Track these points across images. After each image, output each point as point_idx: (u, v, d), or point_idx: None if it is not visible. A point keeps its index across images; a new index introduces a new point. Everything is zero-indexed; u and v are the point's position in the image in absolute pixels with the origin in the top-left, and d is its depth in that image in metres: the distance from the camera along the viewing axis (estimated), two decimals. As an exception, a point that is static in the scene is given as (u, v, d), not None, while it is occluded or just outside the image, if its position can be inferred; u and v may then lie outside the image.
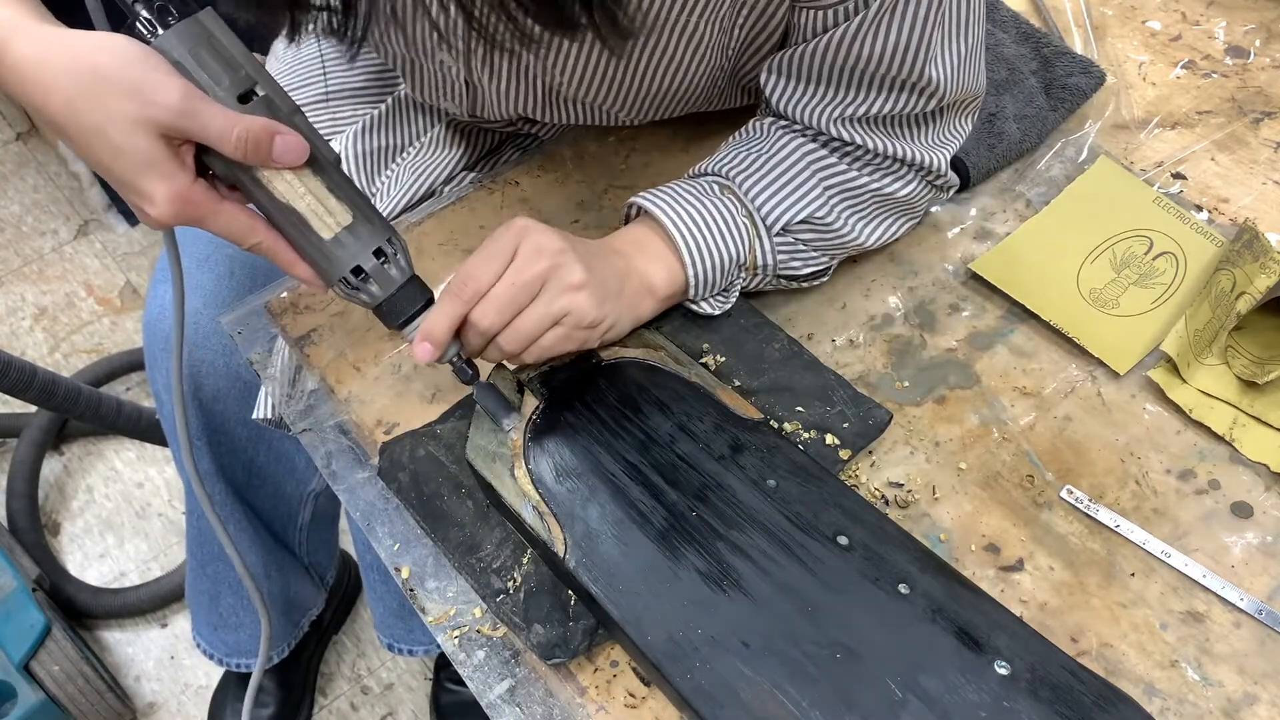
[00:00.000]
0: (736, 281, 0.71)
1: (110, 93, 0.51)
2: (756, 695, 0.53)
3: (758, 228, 0.69)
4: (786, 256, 0.71)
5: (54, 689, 1.18)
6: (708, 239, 0.67)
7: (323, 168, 0.57)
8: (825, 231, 0.71)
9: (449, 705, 1.28)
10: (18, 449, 1.48)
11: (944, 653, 0.54)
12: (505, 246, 0.61)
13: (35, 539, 1.41)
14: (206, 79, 0.54)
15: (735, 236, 0.68)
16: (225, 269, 0.88)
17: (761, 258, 0.70)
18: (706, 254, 0.67)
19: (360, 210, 0.58)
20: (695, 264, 0.67)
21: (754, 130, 0.73)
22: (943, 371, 0.72)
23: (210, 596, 1.13)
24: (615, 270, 0.66)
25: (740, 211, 0.69)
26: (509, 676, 0.59)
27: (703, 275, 0.68)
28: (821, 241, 0.71)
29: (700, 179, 0.71)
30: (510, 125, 0.88)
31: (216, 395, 0.92)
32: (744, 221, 0.69)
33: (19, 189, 1.89)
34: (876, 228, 0.73)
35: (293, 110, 0.57)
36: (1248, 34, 0.96)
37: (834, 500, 0.60)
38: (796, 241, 0.71)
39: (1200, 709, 0.57)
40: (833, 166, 0.70)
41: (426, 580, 0.63)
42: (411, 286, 0.61)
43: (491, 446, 0.63)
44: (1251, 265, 0.75)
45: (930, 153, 0.71)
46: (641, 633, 0.55)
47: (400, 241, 0.60)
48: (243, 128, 0.53)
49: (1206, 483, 0.66)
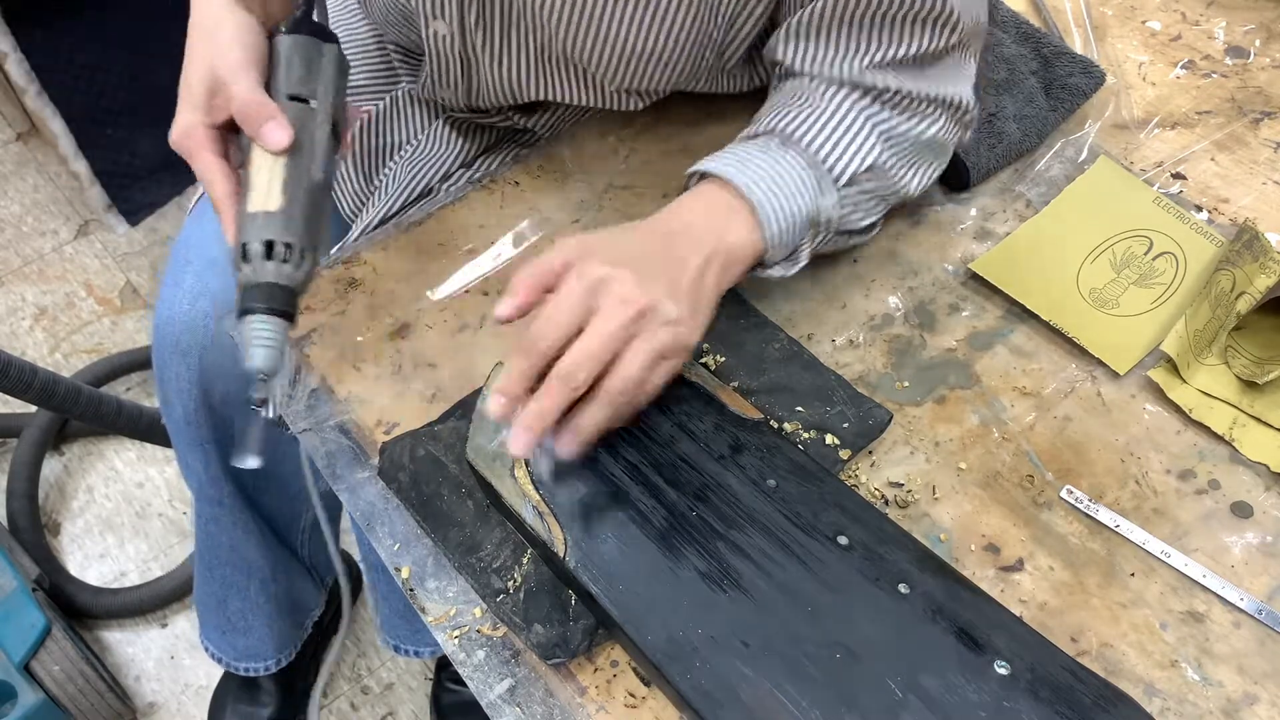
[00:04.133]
0: (804, 243, 0.69)
1: (213, 37, 0.63)
2: (756, 695, 0.53)
3: (821, 182, 0.67)
4: (850, 209, 0.70)
5: (54, 689, 1.18)
6: (781, 196, 0.65)
7: (298, 167, 0.60)
8: (885, 179, 0.70)
9: (449, 705, 1.28)
10: (18, 449, 1.48)
11: (944, 653, 0.54)
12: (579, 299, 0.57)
13: (35, 539, 1.41)
14: (280, 75, 0.63)
15: (805, 191, 0.66)
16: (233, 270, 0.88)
17: (827, 211, 0.68)
18: (783, 211, 0.65)
19: (290, 211, 0.59)
20: (773, 222, 0.65)
21: (796, 89, 0.71)
22: (943, 371, 0.72)
23: (219, 600, 1.13)
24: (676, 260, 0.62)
25: (807, 165, 0.67)
26: (509, 676, 0.59)
27: (779, 234, 0.65)
28: (880, 190, 0.71)
29: (758, 138, 0.69)
30: (505, 118, 0.87)
31: (226, 399, 0.92)
32: (811, 175, 0.67)
33: (19, 189, 1.89)
34: (919, 174, 0.73)
35: (327, 130, 0.62)
36: (1248, 34, 0.96)
37: (834, 500, 0.60)
38: (860, 193, 0.70)
39: (1200, 709, 0.57)
40: (879, 114, 0.70)
41: (426, 580, 0.63)
42: (276, 290, 0.59)
43: (491, 446, 0.63)
44: (1251, 265, 0.75)
45: (956, 88, 0.72)
46: (641, 633, 0.55)
47: (299, 255, 0.59)
48: (252, 101, 0.60)
49: (1206, 483, 0.66)
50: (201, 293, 0.88)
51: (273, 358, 0.58)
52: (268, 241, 0.59)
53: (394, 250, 0.79)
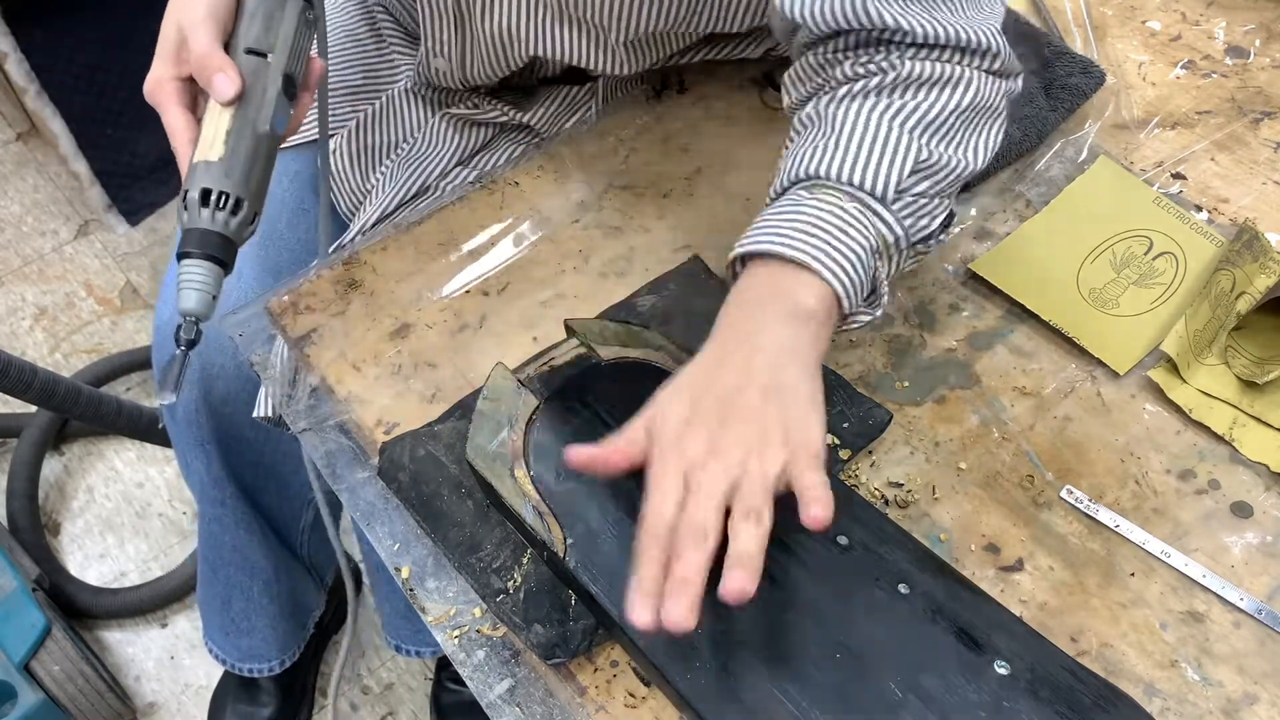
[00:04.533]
0: (880, 275, 0.62)
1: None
2: (756, 695, 0.53)
3: (870, 206, 0.61)
4: (912, 219, 0.63)
5: (54, 689, 1.17)
6: (829, 240, 0.59)
7: (244, 119, 0.62)
8: (936, 172, 0.63)
9: (450, 705, 1.28)
10: (18, 449, 1.48)
11: (944, 653, 0.54)
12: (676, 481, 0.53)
13: (35, 539, 1.41)
14: (241, 28, 0.64)
15: (855, 225, 0.60)
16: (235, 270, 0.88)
17: (890, 233, 0.61)
18: (840, 256, 0.59)
19: (231, 162, 0.61)
20: (836, 273, 0.58)
21: (805, 123, 0.66)
22: (943, 371, 0.72)
23: (222, 601, 1.13)
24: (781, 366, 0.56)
25: (845, 199, 0.61)
26: (509, 676, 0.59)
27: (848, 281, 0.59)
28: (937, 185, 0.63)
29: (784, 197, 0.63)
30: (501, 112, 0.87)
31: (226, 399, 0.92)
32: (853, 208, 0.60)
33: (19, 189, 1.89)
34: (975, 145, 0.66)
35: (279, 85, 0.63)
36: (1248, 34, 0.96)
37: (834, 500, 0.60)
38: (915, 199, 0.63)
39: (1200, 709, 0.57)
40: (903, 108, 0.63)
41: (426, 580, 0.63)
42: (211, 237, 0.60)
43: (491, 446, 0.63)
44: (1251, 265, 0.75)
45: (977, 29, 0.64)
46: (641, 633, 0.55)
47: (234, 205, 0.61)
48: (203, 54, 0.61)
49: (1206, 483, 0.66)
50: None
51: (203, 301, 0.60)
52: (205, 190, 0.60)
53: (394, 250, 0.79)
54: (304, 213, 0.93)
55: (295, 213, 0.92)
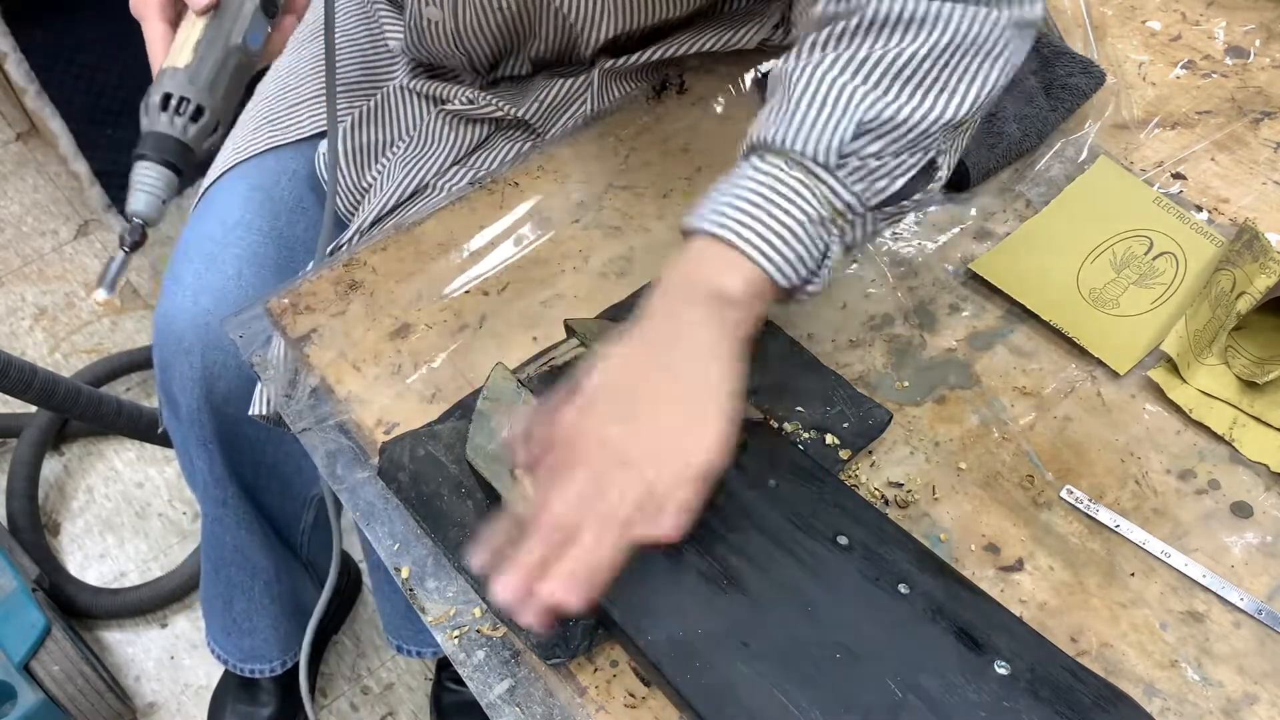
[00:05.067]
0: (833, 242, 0.59)
1: None
2: (756, 695, 0.53)
3: (815, 173, 0.57)
4: (865, 183, 0.58)
5: (54, 689, 1.17)
6: (764, 219, 0.57)
7: (217, 29, 0.62)
8: (890, 130, 0.58)
9: (450, 705, 1.28)
10: (18, 449, 1.48)
11: (944, 653, 0.54)
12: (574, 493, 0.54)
13: (35, 539, 1.41)
14: None
15: (795, 196, 0.57)
16: (234, 269, 0.89)
17: (839, 200, 0.58)
18: (772, 234, 0.57)
19: (197, 70, 0.61)
20: (765, 252, 0.56)
21: (773, 84, 0.62)
22: (943, 371, 0.72)
23: (224, 601, 1.13)
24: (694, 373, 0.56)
25: (790, 167, 0.58)
26: (509, 676, 0.59)
27: (779, 259, 0.57)
28: (894, 143, 0.58)
29: (739, 165, 0.61)
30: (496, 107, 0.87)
31: (228, 397, 0.92)
32: (796, 177, 0.57)
33: (19, 189, 1.89)
34: (956, 90, 0.59)
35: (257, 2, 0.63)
36: (1248, 34, 0.96)
37: (834, 500, 0.60)
38: (866, 160, 0.58)
39: (1200, 709, 0.57)
40: (865, 59, 0.58)
41: (426, 580, 0.63)
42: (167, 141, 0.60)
43: (491, 446, 0.63)
44: (1251, 265, 0.75)
45: None
46: (641, 633, 0.55)
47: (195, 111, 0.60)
48: None
49: (1206, 483, 0.66)
50: (203, 289, 0.88)
51: (152, 204, 0.60)
52: (166, 94, 0.60)
53: (394, 250, 0.79)
54: (303, 211, 0.93)
55: (294, 210, 0.92)
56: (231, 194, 0.92)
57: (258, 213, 0.90)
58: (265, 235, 0.90)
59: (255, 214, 0.90)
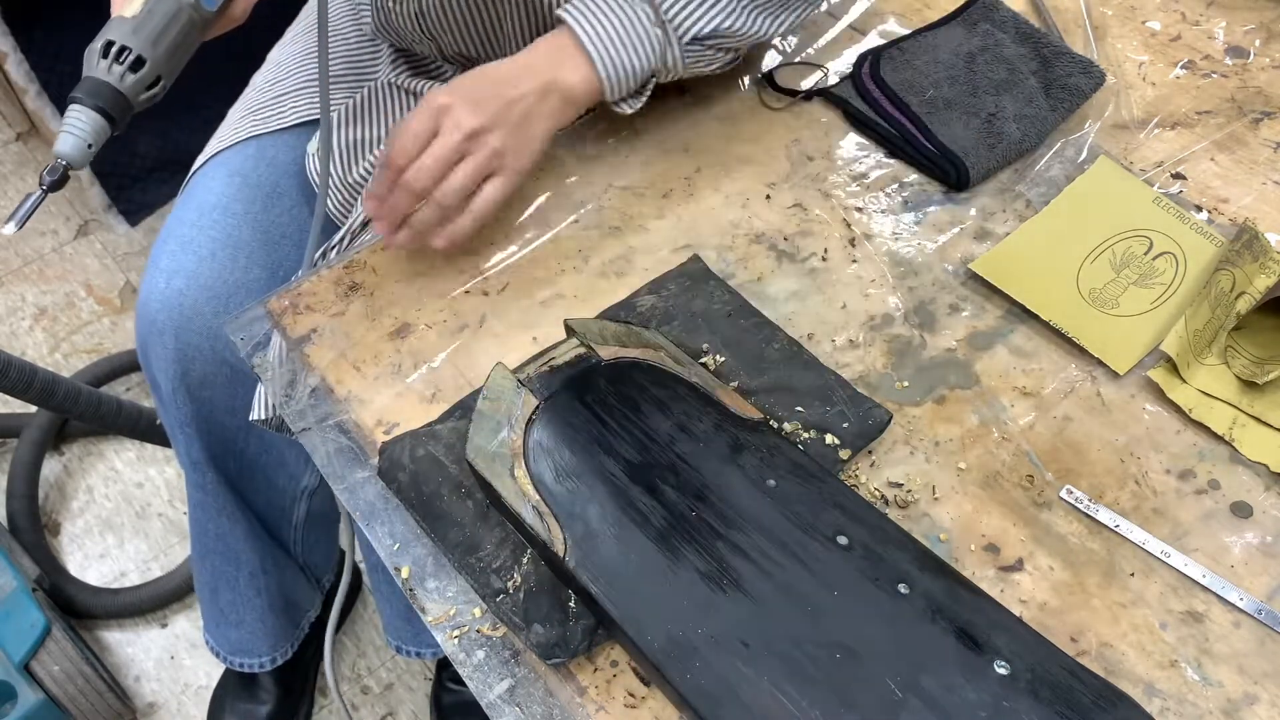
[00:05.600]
0: (650, 81, 0.78)
1: None
2: (756, 695, 0.53)
3: (669, 37, 0.75)
4: (694, 60, 0.78)
5: (54, 689, 1.18)
6: (621, 49, 0.74)
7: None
8: (732, 37, 0.78)
9: (450, 705, 1.28)
10: (18, 449, 1.48)
11: (944, 653, 0.54)
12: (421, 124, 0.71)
13: (35, 539, 1.41)
14: None
15: (648, 45, 0.75)
16: (207, 251, 0.89)
17: (671, 63, 0.77)
18: (620, 62, 0.75)
19: (143, 21, 0.62)
20: (610, 74, 0.75)
21: None
22: (942, 371, 0.72)
23: (211, 590, 1.13)
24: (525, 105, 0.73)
25: (654, 22, 0.75)
26: (509, 676, 0.59)
27: (616, 81, 0.75)
28: (729, 44, 0.79)
29: None
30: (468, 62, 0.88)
31: (204, 381, 0.92)
32: (656, 32, 0.75)
33: (19, 189, 1.89)
34: (782, 20, 0.81)
35: None
36: (1248, 34, 0.96)
37: (834, 500, 0.60)
38: (706, 49, 0.78)
39: (1200, 709, 0.57)
40: None
41: (426, 580, 0.63)
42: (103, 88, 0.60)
43: (491, 446, 0.63)
44: (1251, 265, 0.75)
45: None
46: (641, 632, 0.55)
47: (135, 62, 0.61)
48: None
49: (1206, 483, 0.66)
50: (176, 271, 0.89)
51: (78, 148, 0.60)
52: (109, 41, 0.61)
53: (394, 250, 0.79)
54: (279, 196, 0.93)
55: (271, 195, 0.93)
56: (212, 180, 0.93)
57: (235, 197, 0.91)
58: (240, 219, 0.91)
59: (232, 199, 0.91)
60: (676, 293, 0.75)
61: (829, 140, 0.87)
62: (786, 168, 0.85)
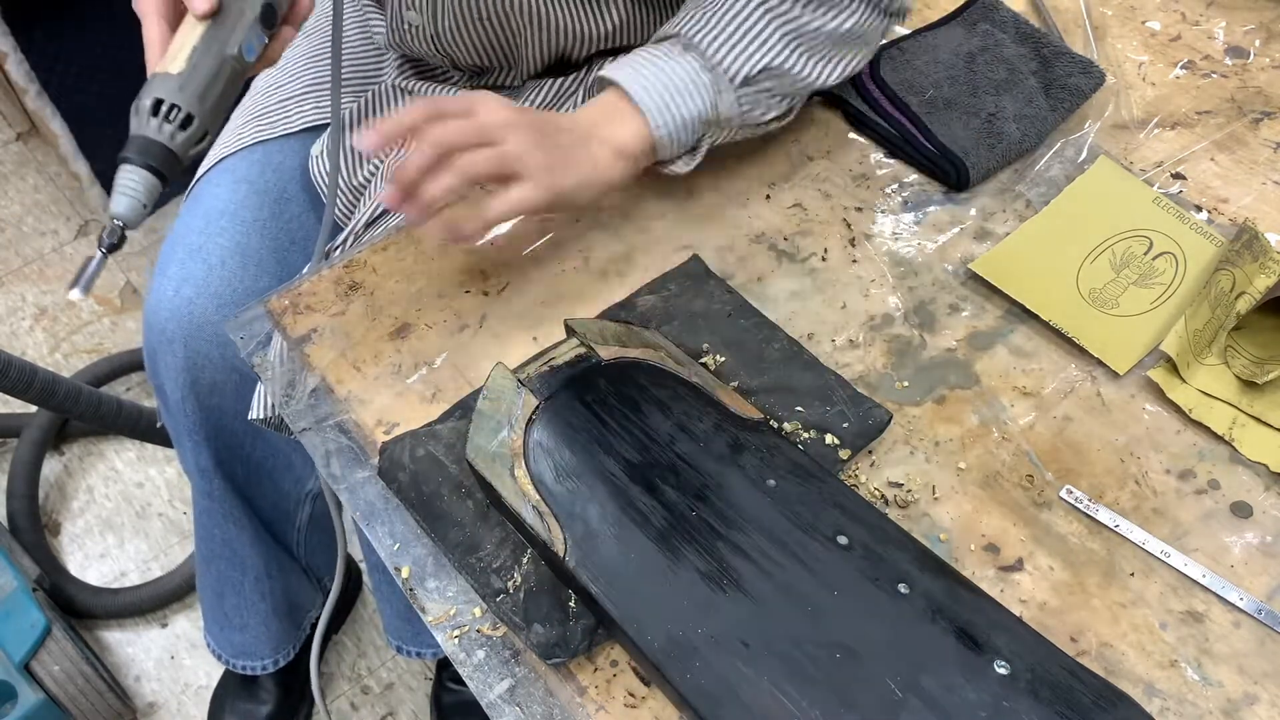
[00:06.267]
0: (705, 137, 0.74)
1: None
2: (756, 695, 0.53)
3: (719, 82, 0.72)
4: (749, 106, 0.74)
5: (54, 689, 1.18)
6: (672, 98, 0.71)
7: (214, 38, 0.62)
8: (785, 78, 0.74)
9: (450, 705, 1.28)
10: (18, 449, 1.48)
11: (944, 653, 0.54)
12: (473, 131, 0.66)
13: (35, 539, 1.41)
14: None
15: (699, 93, 0.71)
16: (217, 259, 0.89)
17: (727, 110, 0.73)
18: (673, 113, 0.71)
19: (190, 77, 0.61)
20: (662, 124, 0.71)
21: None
22: (942, 371, 0.72)
23: (216, 595, 1.13)
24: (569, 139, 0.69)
25: (703, 68, 0.71)
26: (509, 676, 0.59)
27: (670, 134, 0.71)
28: (782, 87, 0.75)
29: (662, 43, 0.74)
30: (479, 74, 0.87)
31: (214, 388, 0.92)
32: (706, 78, 0.71)
33: (19, 189, 1.89)
34: (834, 66, 0.77)
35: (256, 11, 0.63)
36: (1248, 34, 0.96)
37: (834, 500, 0.60)
38: (759, 92, 0.74)
39: (1200, 709, 0.57)
40: (789, 13, 0.73)
41: (426, 580, 0.63)
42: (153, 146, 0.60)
43: (491, 446, 0.63)
44: (1251, 265, 0.75)
45: None
46: (641, 632, 0.55)
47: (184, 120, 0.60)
48: None
49: (1206, 483, 0.66)
50: (185, 279, 0.89)
51: (133, 209, 0.60)
52: (157, 100, 0.60)
53: (394, 251, 0.79)
54: (286, 202, 0.93)
55: (279, 202, 0.93)
56: (218, 187, 0.92)
57: (243, 204, 0.91)
58: (249, 226, 0.90)
59: (240, 205, 0.91)
60: (676, 293, 0.75)
61: (829, 140, 0.87)
62: (786, 168, 0.85)
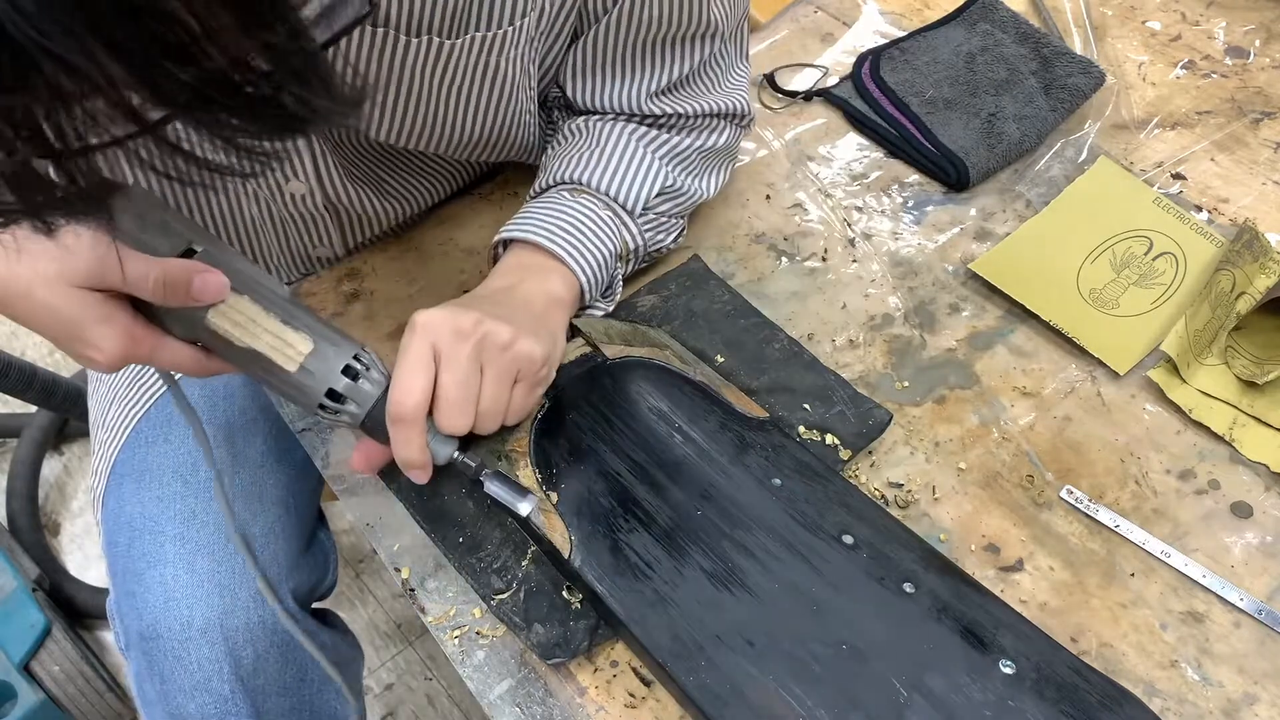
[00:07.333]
0: (617, 273, 0.73)
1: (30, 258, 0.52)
2: (762, 694, 0.53)
3: (620, 216, 0.71)
4: (652, 232, 0.74)
5: (54, 689, 1.18)
6: (584, 240, 0.68)
7: (273, 303, 0.55)
8: (678, 197, 0.74)
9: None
10: (18, 449, 1.48)
11: (949, 652, 0.54)
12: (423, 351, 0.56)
13: (35, 539, 1.41)
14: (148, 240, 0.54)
15: (606, 230, 0.69)
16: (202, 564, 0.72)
17: (632, 241, 0.72)
18: (589, 255, 0.68)
19: (320, 335, 0.56)
20: (584, 268, 0.67)
21: (572, 132, 0.74)
22: (943, 371, 0.72)
23: None
24: (521, 303, 0.64)
25: (601, 206, 0.70)
26: (509, 676, 0.59)
27: (592, 276, 0.68)
28: (677, 207, 0.75)
29: (547, 193, 0.71)
30: None
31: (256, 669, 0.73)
32: (607, 215, 0.70)
33: (18, 189, 1.89)
34: (713, 180, 0.78)
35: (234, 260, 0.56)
36: (1248, 34, 0.96)
37: (839, 499, 0.60)
38: (658, 216, 0.74)
39: (1200, 709, 0.57)
40: (659, 138, 0.74)
41: (426, 580, 0.63)
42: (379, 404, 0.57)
43: (494, 446, 0.63)
44: (1251, 265, 0.75)
45: (732, 98, 0.75)
46: (646, 631, 0.56)
47: (370, 354, 0.57)
48: (160, 270, 0.51)
49: (1206, 483, 0.66)
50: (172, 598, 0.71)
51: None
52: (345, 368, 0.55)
53: (394, 254, 0.79)
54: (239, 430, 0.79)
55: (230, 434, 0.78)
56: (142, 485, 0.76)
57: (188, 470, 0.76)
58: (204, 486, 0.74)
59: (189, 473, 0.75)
60: (677, 292, 0.75)
61: (829, 140, 0.87)
62: (786, 168, 0.85)
